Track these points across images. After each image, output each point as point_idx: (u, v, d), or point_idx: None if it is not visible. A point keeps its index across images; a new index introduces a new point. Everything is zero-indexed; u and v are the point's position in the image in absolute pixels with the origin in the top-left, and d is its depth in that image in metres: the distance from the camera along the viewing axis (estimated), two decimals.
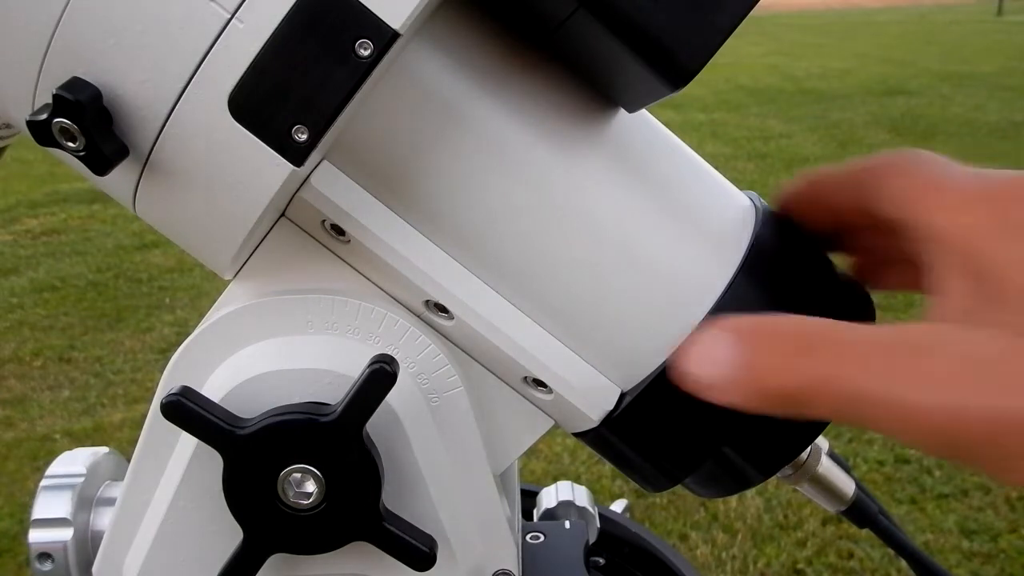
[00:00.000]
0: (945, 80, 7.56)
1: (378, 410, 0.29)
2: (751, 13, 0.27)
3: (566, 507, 0.52)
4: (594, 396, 0.33)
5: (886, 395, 0.23)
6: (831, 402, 0.24)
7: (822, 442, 0.40)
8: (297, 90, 0.26)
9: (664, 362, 0.32)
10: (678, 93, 0.28)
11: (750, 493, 1.98)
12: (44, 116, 0.26)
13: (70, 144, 0.27)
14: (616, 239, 0.31)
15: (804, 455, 0.39)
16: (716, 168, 0.35)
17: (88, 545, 0.38)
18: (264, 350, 0.32)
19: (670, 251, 0.32)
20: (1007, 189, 0.25)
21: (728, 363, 0.26)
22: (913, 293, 0.31)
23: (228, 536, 0.31)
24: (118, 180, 0.29)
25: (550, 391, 0.33)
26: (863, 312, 0.34)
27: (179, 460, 0.32)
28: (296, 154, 0.27)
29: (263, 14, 0.26)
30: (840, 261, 0.34)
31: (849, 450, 2.17)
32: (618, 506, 0.61)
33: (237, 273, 0.33)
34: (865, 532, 0.43)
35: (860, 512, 0.42)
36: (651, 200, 0.32)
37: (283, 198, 0.30)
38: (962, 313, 0.24)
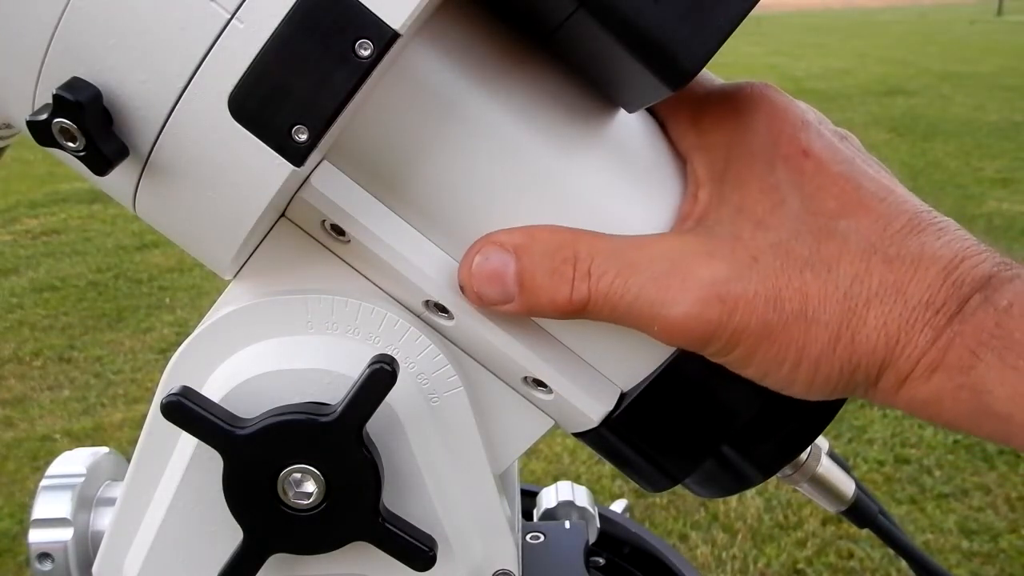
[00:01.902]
0: (945, 80, 7.56)
1: (378, 410, 0.29)
2: (751, 13, 0.27)
3: (566, 507, 0.52)
4: (594, 396, 0.33)
5: (650, 309, 0.29)
6: (607, 316, 0.30)
7: (822, 442, 0.40)
8: (297, 90, 0.26)
9: (664, 363, 0.32)
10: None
11: (750, 493, 1.98)
12: (44, 116, 0.26)
13: (70, 144, 0.27)
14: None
15: (804, 455, 0.39)
16: None
17: (88, 545, 0.38)
18: (264, 350, 0.32)
19: None
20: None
21: (504, 279, 0.30)
22: None
23: (228, 536, 0.31)
24: (118, 180, 0.29)
25: (550, 391, 0.33)
26: None
27: (179, 460, 0.32)
28: (296, 154, 0.27)
29: (263, 14, 0.26)
30: None
31: (849, 450, 2.17)
32: (618, 506, 0.61)
33: (237, 273, 0.33)
34: (865, 532, 0.43)
35: (860, 512, 0.42)
36: (652, 200, 0.32)
37: (283, 198, 0.30)
38: (698, 221, 0.31)
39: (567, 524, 0.48)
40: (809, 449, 0.39)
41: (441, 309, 0.32)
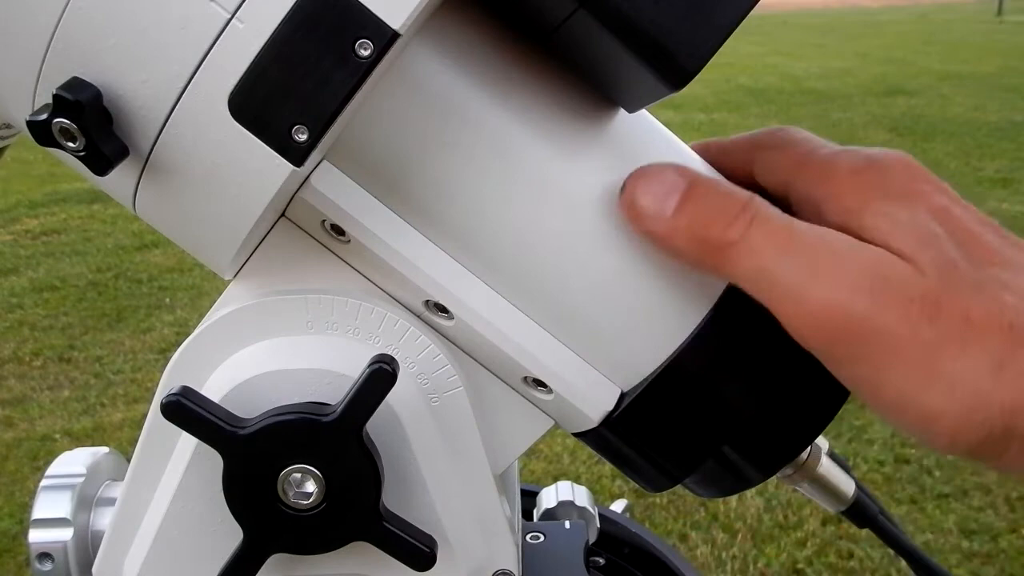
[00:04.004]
0: (945, 80, 7.56)
1: (378, 410, 0.29)
2: (751, 13, 0.27)
3: (566, 507, 0.52)
4: (594, 396, 0.33)
5: (790, 283, 0.27)
6: (745, 271, 0.28)
7: (822, 442, 0.40)
8: (297, 90, 0.26)
9: (664, 363, 0.32)
10: (678, 93, 0.28)
11: (750, 493, 1.99)
12: (44, 116, 0.26)
13: (70, 144, 0.27)
14: (618, 239, 0.31)
15: (804, 455, 0.39)
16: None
17: (88, 545, 0.38)
18: (264, 350, 0.32)
19: None
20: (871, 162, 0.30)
21: (671, 188, 0.29)
22: None
23: (228, 536, 0.31)
24: (118, 180, 0.29)
25: (550, 391, 0.33)
26: None
27: (179, 460, 0.32)
28: (296, 154, 0.27)
29: (263, 14, 0.26)
30: None
31: (849, 450, 2.17)
32: (618, 506, 0.61)
33: (237, 273, 0.33)
34: (865, 532, 0.43)
35: (860, 512, 0.42)
36: None
37: (283, 198, 0.30)
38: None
39: (567, 524, 0.48)
40: (809, 449, 0.39)
41: (441, 309, 0.32)
